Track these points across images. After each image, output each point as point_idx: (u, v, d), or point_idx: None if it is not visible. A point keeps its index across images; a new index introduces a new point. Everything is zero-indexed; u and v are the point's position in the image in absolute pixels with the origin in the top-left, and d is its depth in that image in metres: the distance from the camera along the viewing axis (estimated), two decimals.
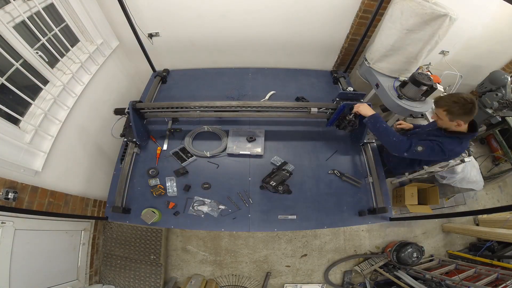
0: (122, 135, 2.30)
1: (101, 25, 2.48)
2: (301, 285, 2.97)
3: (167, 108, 2.24)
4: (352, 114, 2.09)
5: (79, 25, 2.30)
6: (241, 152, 2.24)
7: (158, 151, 2.27)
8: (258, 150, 2.25)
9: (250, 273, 2.99)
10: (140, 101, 2.25)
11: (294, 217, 2.03)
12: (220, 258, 3.01)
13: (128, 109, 2.10)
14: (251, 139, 2.29)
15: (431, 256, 3.21)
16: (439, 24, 2.03)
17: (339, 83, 2.86)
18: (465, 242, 3.34)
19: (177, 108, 2.24)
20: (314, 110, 2.20)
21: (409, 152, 1.76)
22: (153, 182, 2.12)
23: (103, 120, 2.65)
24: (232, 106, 2.18)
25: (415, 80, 2.23)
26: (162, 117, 2.39)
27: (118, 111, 2.24)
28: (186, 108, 2.23)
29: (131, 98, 2.59)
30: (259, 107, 2.20)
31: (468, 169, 2.73)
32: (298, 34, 2.83)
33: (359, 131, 2.26)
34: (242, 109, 2.20)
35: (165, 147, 2.32)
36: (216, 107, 2.19)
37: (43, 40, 1.96)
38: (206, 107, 2.19)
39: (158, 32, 2.73)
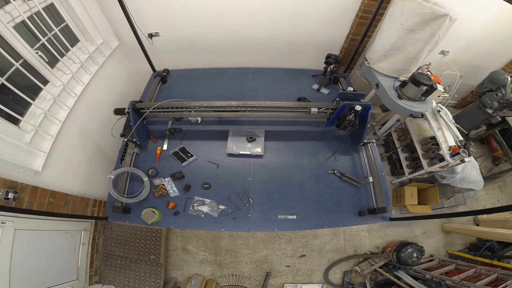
0: (122, 135, 2.30)
1: (101, 25, 2.48)
2: (301, 285, 2.97)
3: (167, 108, 2.25)
4: (352, 114, 2.10)
5: (79, 25, 2.30)
6: (241, 152, 2.24)
7: (158, 151, 2.27)
8: (258, 150, 2.25)
9: (250, 273, 2.99)
10: (140, 101, 2.25)
11: (294, 217, 2.03)
12: (220, 258, 3.01)
13: (128, 109, 2.11)
14: (251, 139, 2.29)
15: (431, 256, 3.21)
16: (439, 24, 2.03)
17: (339, 83, 2.87)
18: (465, 242, 3.34)
19: (177, 108, 2.25)
20: (314, 110, 2.20)
21: None
22: (157, 182, 2.12)
23: (103, 120, 2.65)
24: (232, 106, 2.18)
25: (415, 80, 2.23)
26: (162, 117, 2.39)
27: (118, 111, 2.26)
28: (186, 108, 2.23)
29: (131, 98, 2.59)
30: (259, 107, 2.20)
31: (468, 169, 2.73)
32: (298, 34, 2.83)
33: (359, 131, 2.27)
34: (242, 109, 2.21)
35: (165, 147, 2.32)
36: (216, 107, 2.19)
37: (43, 40, 1.96)
38: (206, 107, 2.20)
39: (158, 32, 2.73)
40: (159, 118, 2.45)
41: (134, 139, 2.19)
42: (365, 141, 2.30)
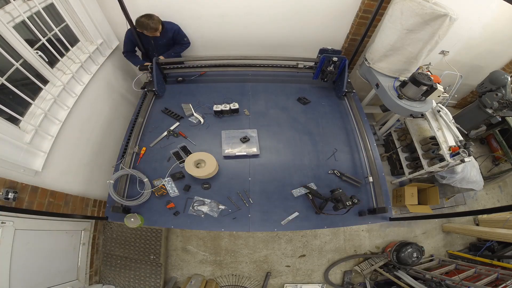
0: (143, 88, 2.58)
1: (101, 25, 2.48)
2: (301, 285, 2.97)
3: (183, 62, 2.77)
4: (332, 65, 2.52)
5: (79, 25, 2.30)
6: (237, 154, 2.23)
7: (143, 151, 2.25)
8: (254, 149, 2.24)
9: (250, 273, 2.99)
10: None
11: (295, 214, 2.02)
12: (220, 258, 3.01)
13: (151, 64, 2.48)
14: (244, 140, 2.29)
15: (431, 256, 3.21)
16: (439, 24, 2.03)
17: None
18: (465, 242, 3.34)
19: (189, 61, 2.76)
20: (301, 64, 2.67)
21: None
22: (157, 182, 2.11)
23: (104, 120, 2.65)
24: (236, 58, 2.70)
25: (415, 80, 2.23)
26: (178, 72, 2.80)
27: (143, 68, 2.58)
28: (197, 60, 2.75)
29: (131, 98, 2.59)
30: (258, 58, 2.68)
31: (468, 169, 2.73)
32: (298, 33, 2.83)
33: (340, 83, 2.63)
34: (241, 61, 2.69)
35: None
36: (222, 56, 2.69)
37: (43, 40, 1.96)
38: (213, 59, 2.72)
39: None
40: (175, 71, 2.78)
41: (154, 88, 2.47)
42: (345, 90, 2.59)
